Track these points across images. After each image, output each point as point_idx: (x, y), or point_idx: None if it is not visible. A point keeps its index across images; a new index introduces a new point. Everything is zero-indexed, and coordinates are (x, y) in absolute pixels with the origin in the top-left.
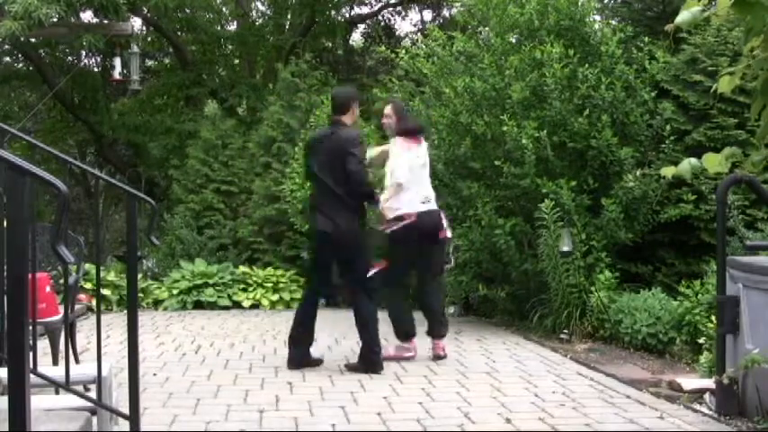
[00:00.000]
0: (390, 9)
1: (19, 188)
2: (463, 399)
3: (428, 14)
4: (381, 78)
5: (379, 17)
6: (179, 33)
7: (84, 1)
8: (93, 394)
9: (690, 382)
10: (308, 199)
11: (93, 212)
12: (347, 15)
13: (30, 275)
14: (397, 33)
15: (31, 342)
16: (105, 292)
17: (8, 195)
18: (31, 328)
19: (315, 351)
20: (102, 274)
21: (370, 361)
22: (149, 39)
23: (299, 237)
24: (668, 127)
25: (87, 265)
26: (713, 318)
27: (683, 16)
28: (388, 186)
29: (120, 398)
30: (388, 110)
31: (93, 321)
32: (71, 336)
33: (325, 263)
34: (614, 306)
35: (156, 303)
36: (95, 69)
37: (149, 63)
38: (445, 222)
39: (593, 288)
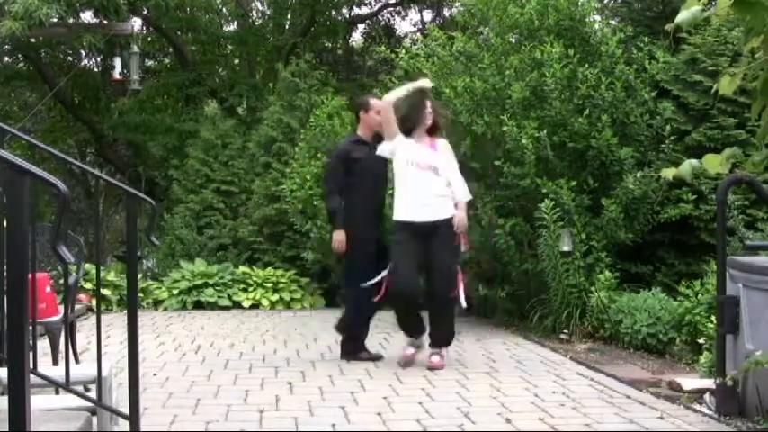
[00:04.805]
0: (390, 9)
1: (19, 188)
2: (463, 399)
3: (428, 14)
4: (381, 78)
5: (379, 17)
6: (179, 33)
7: (85, 1)
8: (93, 394)
9: (690, 382)
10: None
11: (94, 212)
12: (347, 15)
13: (30, 275)
14: (397, 33)
15: (31, 342)
16: (105, 292)
17: (8, 195)
18: (31, 328)
19: (315, 352)
20: (102, 274)
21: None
22: (149, 39)
23: (299, 237)
24: (668, 127)
25: (87, 265)
26: (713, 318)
27: (683, 16)
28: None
29: (120, 398)
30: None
31: (93, 321)
32: (71, 336)
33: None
34: (614, 306)
35: (156, 303)
36: (95, 69)
37: (149, 63)
38: None
39: (593, 288)
